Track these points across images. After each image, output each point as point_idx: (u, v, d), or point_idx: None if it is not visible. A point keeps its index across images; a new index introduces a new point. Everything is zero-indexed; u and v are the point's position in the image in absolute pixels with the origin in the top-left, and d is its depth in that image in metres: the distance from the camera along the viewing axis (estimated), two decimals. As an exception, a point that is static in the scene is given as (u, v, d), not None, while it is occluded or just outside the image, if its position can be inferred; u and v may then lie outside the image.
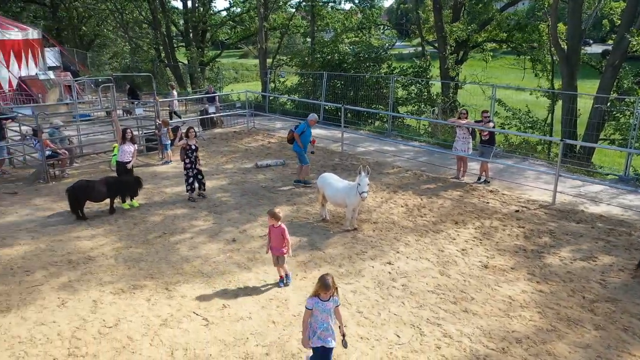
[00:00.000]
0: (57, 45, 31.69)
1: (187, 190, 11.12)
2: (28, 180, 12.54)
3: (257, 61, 31.40)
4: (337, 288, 5.30)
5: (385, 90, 20.46)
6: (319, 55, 21.59)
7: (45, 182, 12.30)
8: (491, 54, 27.37)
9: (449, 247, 8.81)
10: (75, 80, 23.50)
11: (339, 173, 11.99)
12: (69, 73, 25.79)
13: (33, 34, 27.59)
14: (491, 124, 12.08)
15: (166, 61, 31.93)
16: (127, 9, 35.40)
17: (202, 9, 31.63)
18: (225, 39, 36.66)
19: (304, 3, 26.95)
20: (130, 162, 11.00)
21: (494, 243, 8.95)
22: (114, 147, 11.70)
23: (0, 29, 23.99)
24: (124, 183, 10.56)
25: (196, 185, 11.18)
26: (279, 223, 7.18)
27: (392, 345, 6.09)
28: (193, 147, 10.97)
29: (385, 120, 19.51)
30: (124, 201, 10.65)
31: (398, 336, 6.28)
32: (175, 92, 20.79)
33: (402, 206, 10.81)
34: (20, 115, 13.82)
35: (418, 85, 20.48)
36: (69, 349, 5.94)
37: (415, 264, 8.18)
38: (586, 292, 7.29)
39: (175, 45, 33.75)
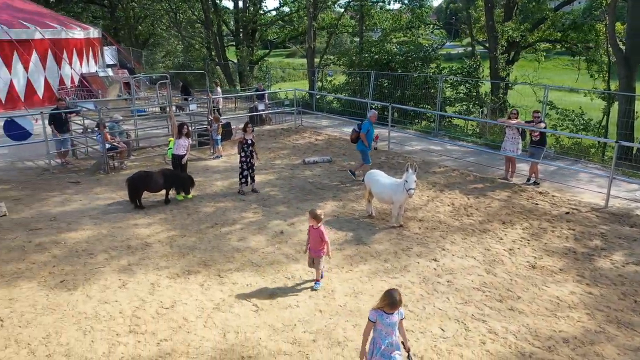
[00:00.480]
0: (114, 44, 33.09)
1: (240, 183, 11.49)
2: (89, 170, 13.27)
3: (303, 60, 31.83)
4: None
5: (433, 90, 20.37)
6: (367, 55, 21.70)
7: (105, 173, 12.98)
8: (544, 54, 26.70)
9: (496, 246, 8.79)
10: (132, 77, 24.55)
11: (386, 171, 12.07)
12: (125, 70, 26.92)
13: (94, 33, 28.97)
14: (542, 125, 11.89)
15: (217, 60, 32.77)
16: (180, 9, 36.60)
17: (252, 8, 32.29)
18: (274, 39, 37.26)
19: (353, 3, 27.08)
20: (185, 155, 11.49)
21: (542, 244, 8.86)
22: (170, 140, 12.23)
23: (65, 28, 25.31)
24: (179, 177, 11.05)
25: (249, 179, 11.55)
26: (319, 225, 7.13)
27: (437, 338, 6.19)
28: (249, 141, 11.34)
29: (432, 120, 19.42)
30: (178, 193, 11.13)
31: (442, 330, 6.37)
32: (219, 89, 21.35)
33: (448, 205, 10.82)
34: (84, 109, 14.61)
35: (467, 85, 20.27)
36: (130, 326, 6.35)
37: (461, 261, 8.22)
38: (638, 295, 7.14)
39: (225, 45, 34.57)
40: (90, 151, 14.44)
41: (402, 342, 5.04)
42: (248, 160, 11.38)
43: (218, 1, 31.54)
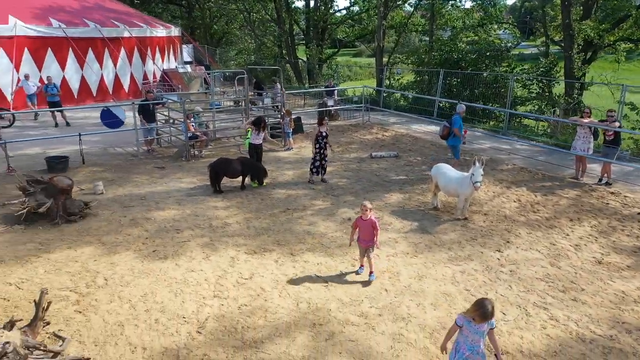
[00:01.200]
0: (192, 42, 34.88)
1: (311, 173, 12.11)
2: (172, 157, 14.38)
3: (370, 60, 32.15)
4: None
5: (503, 90, 20.18)
6: (436, 53, 21.78)
7: (186, 160, 14.03)
8: (624, 54, 25.55)
9: (562, 241, 8.87)
10: (208, 73, 25.94)
11: (459, 169, 12.35)
12: (202, 67, 28.42)
13: (174, 31, 30.79)
14: (616, 124, 11.68)
15: (287, 58, 33.78)
16: (254, 9, 38.00)
17: (323, 8, 33.02)
18: (343, 37, 37.84)
19: (424, 1, 27.13)
20: (261, 144, 12.27)
21: (611, 242, 8.84)
22: (249, 130, 13.06)
23: (149, 27, 27.13)
24: (256, 165, 11.84)
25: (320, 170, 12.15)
26: (370, 215, 7.26)
27: (498, 321, 6.47)
28: (324, 133, 11.94)
29: (501, 119, 19.25)
30: (252, 180, 11.92)
31: (504, 314, 6.65)
32: (278, 86, 22.14)
33: (514, 201, 10.91)
34: (169, 101, 15.80)
35: (540, 84, 19.91)
36: (214, 292, 7.09)
37: (525, 253, 8.39)
38: None
39: (296, 43, 35.54)
40: (173, 140, 15.57)
41: (495, 355, 4.91)
42: (321, 151, 11.98)
43: (290, 1, 32.35)
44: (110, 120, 14.20)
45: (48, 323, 5.93)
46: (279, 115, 16.14)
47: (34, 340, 5.27)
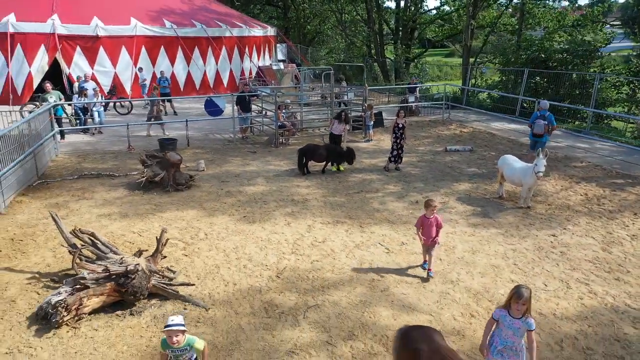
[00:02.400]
0: (286, 41, 36.97)
1: (389, 161, 13.21)
2: (263, 144, 16.07)
3: (460, 60, 32.24)
4: (529, 309, 4.73)
5: (591, 90, 19.91)
6: (522, 53, 21.83)
7: (275, 147, 15.64)
8: None
9: (620, 231, 9.27)
10: (299, 70, 27.70)
11: (528, 161, 12.93)
12: (294, 65, 30.26)
13: (270, 31, 32.93)
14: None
15: (375, 57, 34.82)
16: (346, 9, 39.42)
17: (412, 8, 33.67)
18: (432, 37, 38.18)
19: (515, 1, 27.00)
20: (340, 135, 13.57)
21: (671, 234, 9.11)
22: None
23: (248, 27, 29.41)
24: (339, 152, 13.11)
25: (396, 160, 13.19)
26: (434, 214, 7.40)
27: (538, 290, 7.23)
28: (400, 125, 12.97)
29: (587, 119, 19.02)
30: (332, 165, 13.20)
31: (545, 285, 7.38)
32: (344, 83, 23.24)
33: (581, 195, 11.29)
34: (263, 94, 17.56)
35: (631, 85, 19.40)
36: (292, 249, 8.45)
37: (579, 239, 8.94)
38: None
39: (385, 42, 36.45)
40: (265, 129, 17.30)
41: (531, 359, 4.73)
42: (398, 141, 13.02)
43: (381, 1, 33.33)
44: (212, 109, 16.18)
45: (165, 257, 7.59)
46: (361, 109, 17.31)
47: (155, 267, 6.90)
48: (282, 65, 29.18)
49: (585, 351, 5.88)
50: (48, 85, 15.71)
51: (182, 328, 4.55)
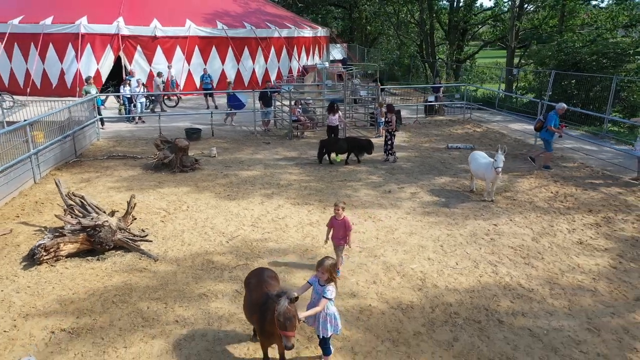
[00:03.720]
0: (338, 41, 38.28)
1: (388, 154, 14.39)
2: (281, 136, 17.55)
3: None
4: (334, 280, 5.28)
5: (625, 93, 19.54)
6: (555, 54, 21.68)
7: (290, 139, 17.07)
8: None
9: (562, 225, 9.78)
10: (344, 69, 28.96)
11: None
12: (340, 64, 31.53)
13: (321, 32, 34.40)
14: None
15: (424, 57, 35.26)
16: (402, 11, 40.07)
17: (464, 8, 33.76)
18: (484, 38, 37.92)
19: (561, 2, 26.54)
20: (337, 125, 14.76)
21: (611, 230, 9.49)
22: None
23: (297, 28, 31.06)
24: (360, 144, 14.22)
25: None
26: (343, 215, 7.56)
27: (448, 267, 8.11)
28: (387, 119, 14.06)
29: (619, 124, 18.73)
30: (357, 156, 14.28)
31: (456, 264, 8.23)
32: (356, 81, 24.11)
33: (551, 192, 11.73)
34: (284, 90, 19.04)
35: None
36: (252, 223, 9.82)
37: (517, 229, 9.58)
38: (661, 277, 7.72)
39: (436, 43, 36.76)
40: (285, 123, 18.79)
41: (299, 318, 4.84)
42: (387, 135, 14.12)
43: (434, 2, 33.69)
44: (235, 103, 17.89)
45: (135, 219, 9.26)
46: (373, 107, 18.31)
47: (123, 225, 8.57)
48: (327, 65, 30.54)
49: (451, 315, 6.77)
50: (90, 79, 18.11)
51: None
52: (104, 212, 8.85)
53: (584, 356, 5.92)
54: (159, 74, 21.92)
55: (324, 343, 5.46)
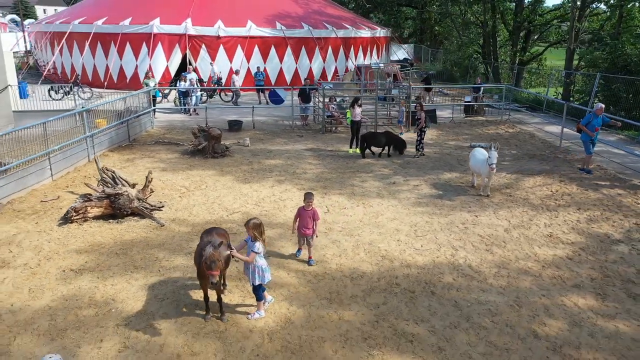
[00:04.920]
0: (398, 41, 38.82)
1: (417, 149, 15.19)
2: (315, 130, 18.77)
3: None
4: (259, 238, 6.38)
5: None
6: (605, 55, 21.14)
7: (322, 133, 18.25)
8: None
9: (542, 220, 10.21)
10: (401, 70, 29.67)
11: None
12: (396, 64, 32.18)
13: (380, 32, 35.19)
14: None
15: (485, 58, 34.95)
16: (468, 12, 39.79)
17: (528, 9, 33.11)
18: (551, 39, 36.82)
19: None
20: (360, 120, 15.73)
21: (588, 227, 9.81)
22: (348, 111, 16.58)
23: (355, 28, 32.11)
24: (396, 139, 15.23)
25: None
26: (311, 207, 8.11)
27: (411, 248, 8.94)
28: (417, 117, 14.85)
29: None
30: (393, 151, 15.32)
31: (421, 246, 9.04)
32: (404, 83, 24.34)
33: (550, 191, 12.03)
34: (326, 87, 20.23)
35: None
36: (256, 202, 11.12)
37: (496, 220, 10.16)
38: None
39: (500, 45, 36.25)
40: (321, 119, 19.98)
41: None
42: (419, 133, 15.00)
43: (497, 3, 33.29)
44: (275, 98, 19.36)
45: (152, 191, 10.88)
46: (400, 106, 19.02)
47: (141, 196, 10.20)
48: (381, 64, 31.32)
49: (393, 285, 7.67)
50: (149, 73, 20.30)
51: None
52: (129, 184, 10.54)
53: (492, 325, 6.64)
54: (237, 72, 23.99)
55: (255, 290, 6.63)
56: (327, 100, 18.60)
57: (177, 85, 21.38)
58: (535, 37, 36.05)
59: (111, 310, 6.72)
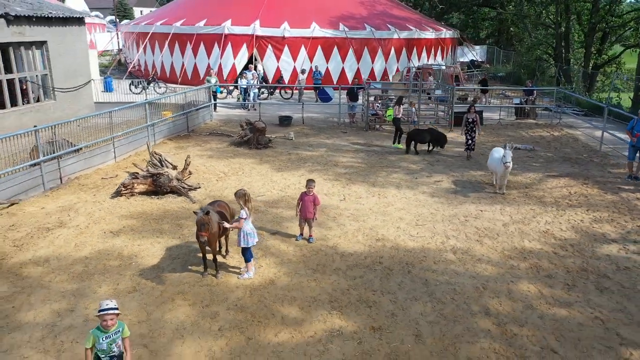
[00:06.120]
0: (467, 43, 38.54)
1: (465, 149, 15.46)
2: (360, 128, 19.72)
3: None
4: (243, 206, 7.60)
5: None
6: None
7: (365, 130, 19.17)
8: None
9: (545, 217, 10.56)
10: (463, 71, 29.82)
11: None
12: (457, 65, 32.21)
13: (445, 34, 35.24)
14: None
15: (556, 60, 33.96)
16: (544, 13, 38.68)
17: (603, 10, 31.78)
18: (631, 41, 34.90)
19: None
20: (400, 117, 16.51)
21: (588, 227, 10.05)
22: (389, 109, 17.32)
23: (419, 30, 32.50)
24: (439, 136, 15.98)
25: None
26: (312, 192, 9.06)
27: (406, 234, 9.73)
28: (470, 119, 15.02)
29: None
30: (435, 147, 16.07)
31: (417, 233, 9.81)
32: (431, 79, 24.33)
33: (568, 192, 12.22)
34: (372, 87, 21.09)
35: None
36: (281, 188, 12.33)
37: (498, 216, 10.66)
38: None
39: (574, 47, 35.02)
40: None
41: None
42: (469, 133, 15.15)
43: (571, 4, 32.23)
44: (324, 96, 20.51)
45: (190, 173, 12.43)
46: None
47: (180, 176, 11.77)
48: (443, 66, 31.51)
49: (376, 263, 8.55)
50: (212, 71, 22.17)
51: (116, 311, 4.89)
52: (172, 166, 12.16)
53: (451, 301, 7.37)
54: (303, 71, 25.58)
55: (242, 252, 7.83)
56: (372, 99, 19.48)
57: (238, 82, 23.14)
58: (613, 39, 34.45)
59: (131, 264, 8.22)
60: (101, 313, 4.81)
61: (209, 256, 7.91)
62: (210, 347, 6.17)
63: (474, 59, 38.62)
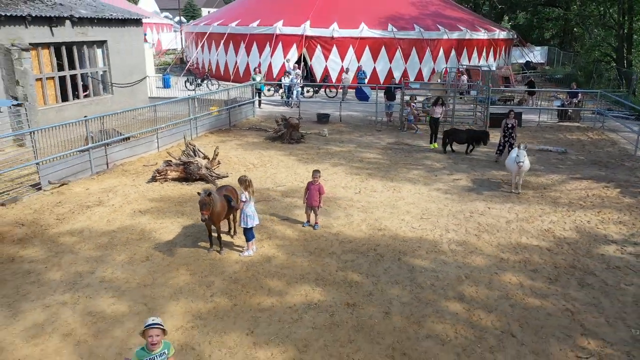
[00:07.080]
0: (523, 44, 37.70)
1: (495, 152, 15.49)
2: (396, 127, 20.14)
3: None
4: (244, 191, 8.45)
5: None
6: None
7: (400, 130, 19.59)
8: None
9: (550, 217, 10.70)
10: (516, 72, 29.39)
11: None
12: (509, 67, 31.71)
13: (499, 35, 34.69)
14: None
15: (617, 63, 32.63)
16: (607, 13, 37.17)
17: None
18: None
19: None
20: (439, 118, 16.85)
21: (590, 227, 10.12)
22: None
23: (470, 31, 32.26)
24: (477, 135, 16.21)
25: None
26: (318, 182, 9.79)
27: (408, 226, 10.22)
28: (509, 125, 14.94)
29: None
30: (475, 146, 16.36)
31: (419, 226, 10.28)
32: (464, 78, 23.90)
33: (586, 194, 12.19)
34: (412, 87, 21.43)
35: None
36: (302, 180, 13.12)
37: (505, 213, 10.90)
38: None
39: (635, 48, 33.47)
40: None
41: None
42: (507, 138, 15.06)
43: (634, 3, 30.87)
44: (361, 95, 21.09)
45: (219, 163, 13.45)
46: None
47: (209, 165, 12.83)
48: (493, 67, 31.14)
49: (371, 249, 9.14)
50: (257, 69, 23.28)
51: (162, 327, 4.56)
52: (204, 156, 13.25)
53: (429, 286, 7.85)
54: (347, 71, 26.40)
55: (244, 232, 8.68)
56: (408, 99, 19.88)
57: (282, 80, 24.17)
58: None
59: (149, 238, 9.29)
60: (146, 328, 4.49)
61: (214, 234, 8.82)
62: (199, 309, 7.06)
63: (529, 60, 37.70)
